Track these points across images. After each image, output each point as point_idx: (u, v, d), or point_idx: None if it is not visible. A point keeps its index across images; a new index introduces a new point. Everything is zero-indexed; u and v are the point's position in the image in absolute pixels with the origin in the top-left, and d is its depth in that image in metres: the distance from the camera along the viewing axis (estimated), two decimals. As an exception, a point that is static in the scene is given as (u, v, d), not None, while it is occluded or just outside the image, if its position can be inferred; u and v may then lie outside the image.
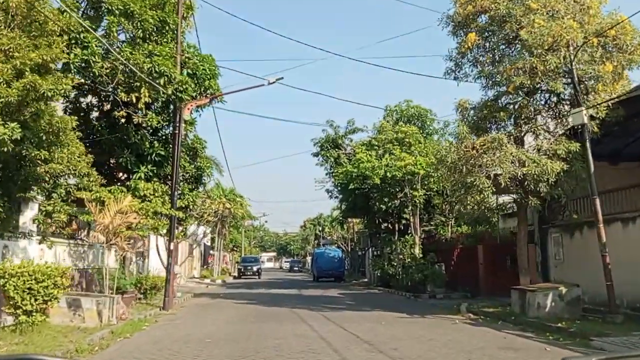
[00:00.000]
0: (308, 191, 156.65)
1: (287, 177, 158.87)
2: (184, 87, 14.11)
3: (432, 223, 25.16)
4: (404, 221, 23.90)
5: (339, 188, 25.94)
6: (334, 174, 24.75)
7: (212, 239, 45.25)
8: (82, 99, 15.66)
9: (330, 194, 28.05)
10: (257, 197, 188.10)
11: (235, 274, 44.90)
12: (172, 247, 14.93)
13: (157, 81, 13.39)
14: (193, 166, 19.71)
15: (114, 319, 11.29)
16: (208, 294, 22.88)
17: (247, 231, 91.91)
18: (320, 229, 70.58)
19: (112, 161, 16.44)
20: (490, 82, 13.04)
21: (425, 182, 23.12)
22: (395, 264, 25.01)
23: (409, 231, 25.11)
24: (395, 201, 22.64)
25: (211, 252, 45.85)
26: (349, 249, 40.18)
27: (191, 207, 18.63)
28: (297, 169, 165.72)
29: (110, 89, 13.80)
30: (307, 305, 16.51)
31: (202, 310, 15.23)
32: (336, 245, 48.45)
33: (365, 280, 35.08)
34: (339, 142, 26.86)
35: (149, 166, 15.72)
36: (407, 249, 23.50)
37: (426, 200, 23.51)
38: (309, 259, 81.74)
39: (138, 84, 13.40)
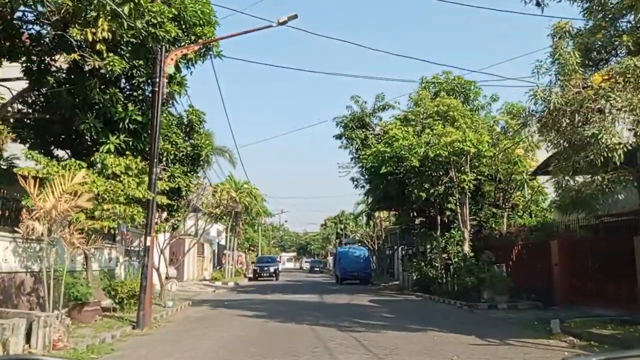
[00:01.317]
0: (329, 187, 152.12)
1: (307, 172, 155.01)
2: (160, 19, 10.16)
3: (479, 215, 20.75)
4: (448, 212, 19.57)
5: (367, 174, 21.73)
6: (361, 158, 20.58)
7: (230, 239, 41.61)
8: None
9: (355, 182, 23.93)
10: (275, 194, 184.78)
11: (251, 275, 41.05)
12: (148, 243, 10.99)
13: (121, 9, 9.47)
14: (188, 143, 15.87)
15: (39, 348, 7.40)
16: (211, 301, 18.99)
17: (265, 230, 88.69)
18: (342, 227, 66.34)
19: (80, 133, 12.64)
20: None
21: (476, 165, 18.77)
22: (437, 264, 20.71)
23: (453, 225, 20.78)
24: (439, 187, 18.34)
25: (225, 251, 42.06)
26: (376, 248, 35.85)
27: (184, 192, 14.74)
28: (318, 161, 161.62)
29: (60, 24, 9.94)
30: (333, 319, 12.44)
31: (190, 329, 11.26)
32: (360, 243, 44.22)
33: (397, 283, 30.77)
34: (366, 120, 22.67)
35: (122, 136, 11.85)
36: (452, 246, 19.19)
37: (475, 187, 19.15)
38: (330, 259, 77.70)
39: (94, 13, 9.52)
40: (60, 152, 13.05)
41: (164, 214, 15.35)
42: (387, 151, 18.42)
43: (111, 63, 9.96)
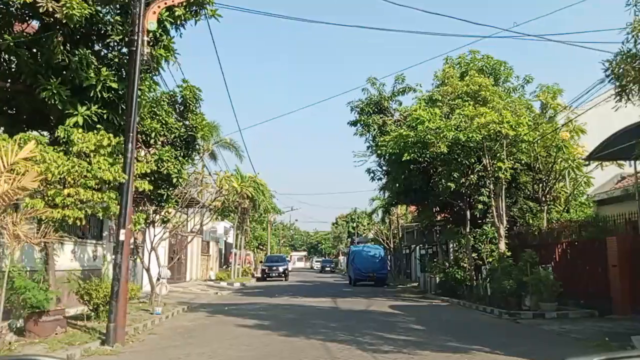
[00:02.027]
0: (341, 184, 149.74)
1: (318, 169, 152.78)
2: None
3: (512, 210, 18.29)
4: (480, 206, 17.15)
5: (386, 163, 19.36)
6: (379, 145, 18.22)
7: (237, 237, 39.54)
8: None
9: (371, 174, 21.55)
10: (285, 191, 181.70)
11: (259, 275, 38.92)
12: (122, 237, 8.79)
13: None
14: (181, 124, 13.71)
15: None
16: (211, 305, 16.83)
17: (275, 229, 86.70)
18: (354, 225, 64.00)
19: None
20: None
21: (512, 151, 16.35)
22: (465, 265, 18.31)
23: (484, 220, 18.37)
24: (472, 176, 15.95)
25: (232, 250, 39.90)
26: (392, 247, 33.43)
27: (175, 180, 12.55)
28: (330, 159, 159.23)
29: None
30: (351, 332, 10.18)
31: (172, 347, 9.04)
32: (372, 242, 41.63)
33: (415, 285, 28.42)
34: (384, 105, 20.28)
35: (94, 107, 9.69)
36: (484, 244, 16.79)
37: (511, 177, 16.72)
38: (341, 258, 75.39)
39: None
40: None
41: (153, 206, 13.20)
42: (410, 135, 16.04)
43: (68, 4, 7.77)
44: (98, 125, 9.58)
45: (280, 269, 36.59)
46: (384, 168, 21.66)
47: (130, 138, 9.12)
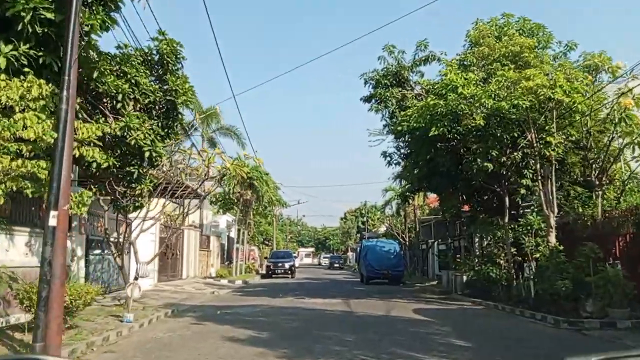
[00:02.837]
0: (350, 176, 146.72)
1: (326, 161, 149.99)
2: None
3: (557, 196, 15.44)
4: (522, 191, 14.35)
5: (407, 142, 16.57)
6: (400, 120, 15.47)
7: (239, 231, 37.05)
8: None
9: (388, 158, 18.78)
10: (292, 183, 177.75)
11: (264, 271, 36.40)
12: (52, 222, 6.16)
13: None
14: (158, 87, 11.10)
15: None
16: (202, 308, 14.27)
17: (282, 225, 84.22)
18: (364, 220, 61.28)
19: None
20: None
21: (563, 124, 13.56)
22: (501, 261, 15.55)
23: (521, 211, 15.60)
24: (515, 154, 13.17)
25: (235, 245, 37.35)
26: (408, 242, 30.63)
27: (148, 153, 9.89)
28: (339, 152, 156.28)
29: None
30: (373, 350, 7.56)
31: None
32: (383, 236, 38.52)
33: (434, 283, 25.70)
34: (404, 75, 17.49)
35: (23, 46, 7.08)
36: (529, 237, 14.01)
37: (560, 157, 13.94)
38: (350, 254, 72.78)
39: None
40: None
41: (122, 187, 10.57)
42: (440, 105, 13.26)
43: None
44: (26, 70, 6.96)
45: (286, 265, 34.04)
46: (403, 151, 18.90)
47: (66, 83, 6.49)
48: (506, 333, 9.90)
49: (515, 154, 13.13)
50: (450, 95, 13.35)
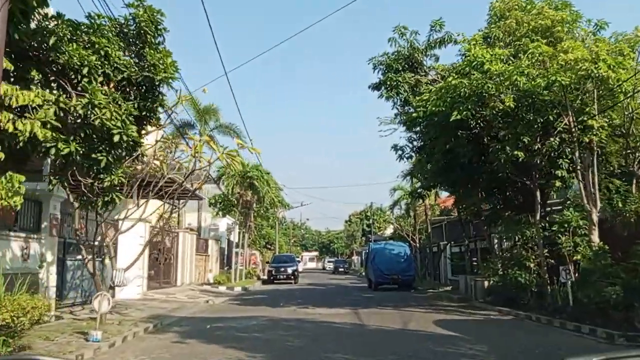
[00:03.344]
0: (355, 177, 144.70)
1: (328, 163, 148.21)
2: None
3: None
4: (557, 184, 12.52)
5: (422, 131, 14.76)
6: (415, 106, 13.69)
7: (242, 235, 35.29)
8: None
9: (400, 151, 16.98)
10: (294, 184, 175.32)
11: (266, 276, 34.60)
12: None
13: None
14: (134, 61, 9.42)
15: None
16: (192, 321, 12.50)
17: (286, 229, 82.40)
18: (370, 222, 59.37)
19: None
20: None
21: (604, 105, 11.74)
22: (531, 265, 13.71)
23: (547, 209, 13.78)
24: (551, 139, 11.37)
25: (235, 250, 35.58)
26: (418, 245, 28.76)
27: (118, 138, 8.14)
28: (343, 147, 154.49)
29: None
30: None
31: None
32: (390, 239, 36.31)
33: (447, 289, 23.83)
34: (417, 58, 15.73)
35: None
36: (566, 237, 12.17)
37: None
38: (355, 258, 70.83)
39: None
40: None
41: (88, 178, 8.82)
42: (463, 84, 11.46)
43: None
44: None
45: (289, 270, 32.25)
46: (415, 144, 17.11)
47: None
48: (554, 352, 8.07)
49: (553, 139, 11.31)
50: (474, 75, 11.57)
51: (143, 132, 10.22)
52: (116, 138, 8.14)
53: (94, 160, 8.27)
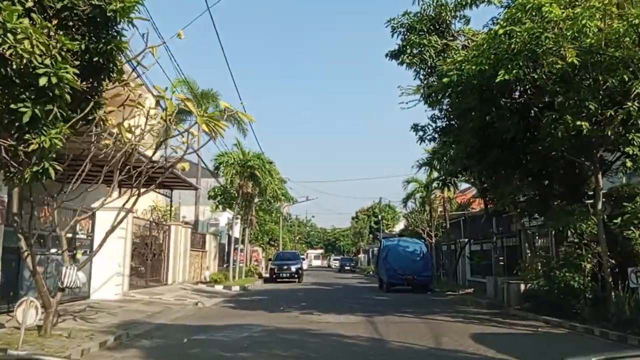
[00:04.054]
0: (362, 171, 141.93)
1: (336, 158, 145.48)
2: None
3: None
4: (629, 163, 9.94)
5: (459, 97, 12.06)
6: (445, 71, 11.14)
7: (242, 229, 32.93)
8: None
9: (421, 132, 14.44)
10: (300, 179, 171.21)
11: (268, 274, 32.24)
12: None
13: None
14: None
15: None
16: (171, 328, 10.12)
17: (291, 225, 80.00)
18: (378, 219, 56.84)
19: None
20: None
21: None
22: (586, 265, 11.19)
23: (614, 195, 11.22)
24: (629, 104, 8.82)
25: (236, 246, 33.23)
26: (433, 241, 26.21)
27: (46, 81, 5.76)
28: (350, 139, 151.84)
29: None
30: None
31: None
32: (401, 234, 33.19)
33: (468, 291, 21.31)
34: (445, 20, 13.21)
35: None
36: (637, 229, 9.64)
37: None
38: (361, 256, 68.22)
39: None
40: None
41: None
42: (516, 34, 8.94)
43: None
44: None
45: (293, 268, 29.87)
46: (440, 123, 14.57)
47: None
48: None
49: (629, 104, 8.76)
50: (526, 24, 9.04)
51: (101, 89, 7.84)
52: (42, 80, 5.73)
53: (14, 112, 5.87)
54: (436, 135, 14.93)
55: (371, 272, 45.70)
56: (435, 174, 24.92)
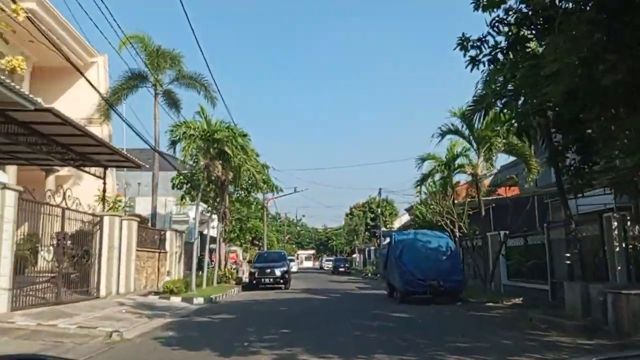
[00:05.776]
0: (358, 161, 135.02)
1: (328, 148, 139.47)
2: None
3: None
4: None
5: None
6: None
7: (225, 230, 26.92)
8: None
9: (476, 49, 8.69)
10: (287, 167, 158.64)
11: (248, 280, 26.07)
12: None
13: None
14: None
15: None
16: None
17: (280, 225, 74.07)
18: (374, 215, 51.18)
19: None
20: None
21: None
22: None
23: None
24: None
25: (211, 246, 27.06)
26: (457, 236, 20.27)
27: None
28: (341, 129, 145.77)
29: None
30: None
31: None
32: (404, 228, 26.38)
33: (517, 301, 15.46)
34: None
35: None
36: None
37: None
38: (356, 255, 62.37)
39: None
40: None
41: None
42: None
43: None
44: None
45: (277, 272, 23.89)
46: (500, 40, 8.82)
47: None
48: None
49: None
50: None
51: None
52: None
53: None
54: (500, 55, 9.17)
55: (370, 274, 39.90)
56: (457, 149, 19.12)
